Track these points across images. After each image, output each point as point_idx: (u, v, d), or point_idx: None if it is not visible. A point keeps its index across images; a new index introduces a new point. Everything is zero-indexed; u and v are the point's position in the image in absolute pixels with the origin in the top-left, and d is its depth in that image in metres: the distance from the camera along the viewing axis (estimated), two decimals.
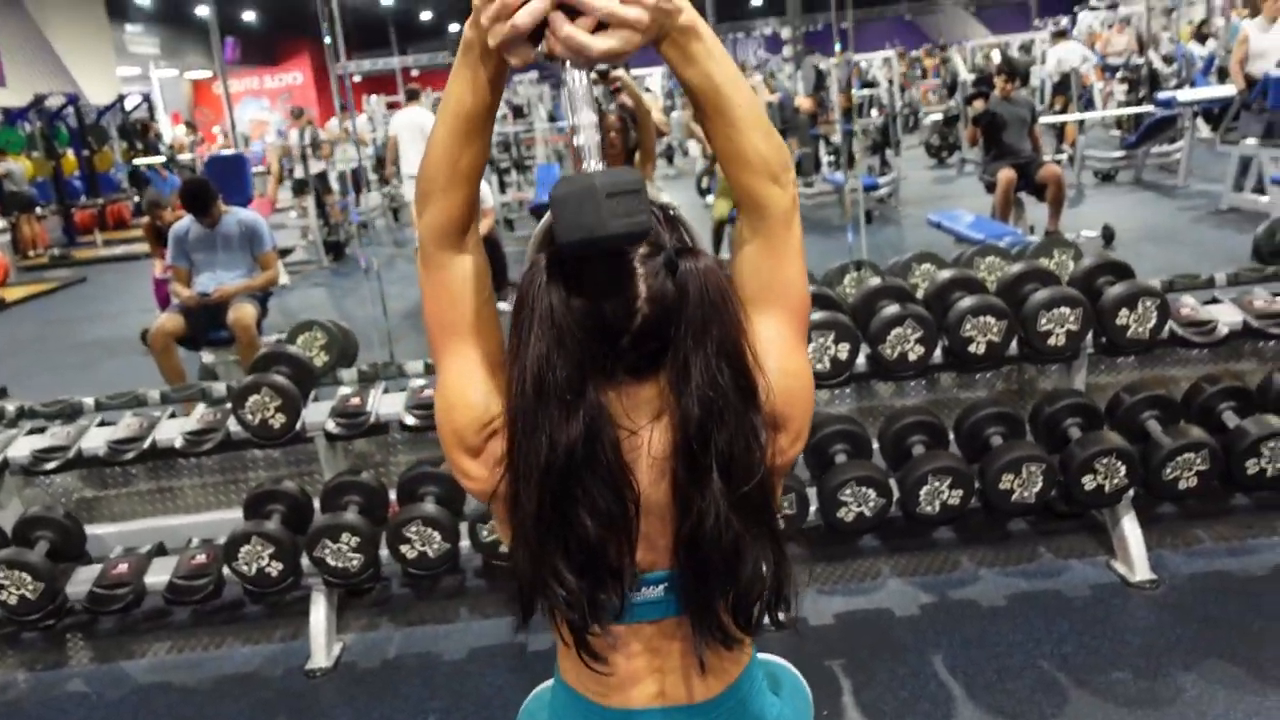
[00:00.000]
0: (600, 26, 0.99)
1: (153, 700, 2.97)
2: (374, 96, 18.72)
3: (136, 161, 15.03)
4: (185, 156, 13.50)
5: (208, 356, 5.61)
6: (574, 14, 0.98)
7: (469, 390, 1.15)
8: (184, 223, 5.49)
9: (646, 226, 0.99)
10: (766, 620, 1.16)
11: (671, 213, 1.15)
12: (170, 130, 21.18)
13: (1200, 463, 2.93)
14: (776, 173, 1.11)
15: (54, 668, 3.21)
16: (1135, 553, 3.05)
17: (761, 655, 1.42)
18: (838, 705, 2.56)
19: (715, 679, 1.24)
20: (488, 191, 7.76)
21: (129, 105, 17.35)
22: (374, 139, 13.26)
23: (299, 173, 11.35)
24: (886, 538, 3.34)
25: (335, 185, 11.70)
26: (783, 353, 1.15)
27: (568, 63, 1.01)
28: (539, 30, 0.99)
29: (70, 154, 15.56)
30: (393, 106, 14.79)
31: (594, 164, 1.00)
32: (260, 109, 28.36)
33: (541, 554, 1.08)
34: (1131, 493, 3.04)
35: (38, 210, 14.22)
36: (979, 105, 7.70)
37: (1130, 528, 3.08)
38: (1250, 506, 3.34)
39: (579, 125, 1.01)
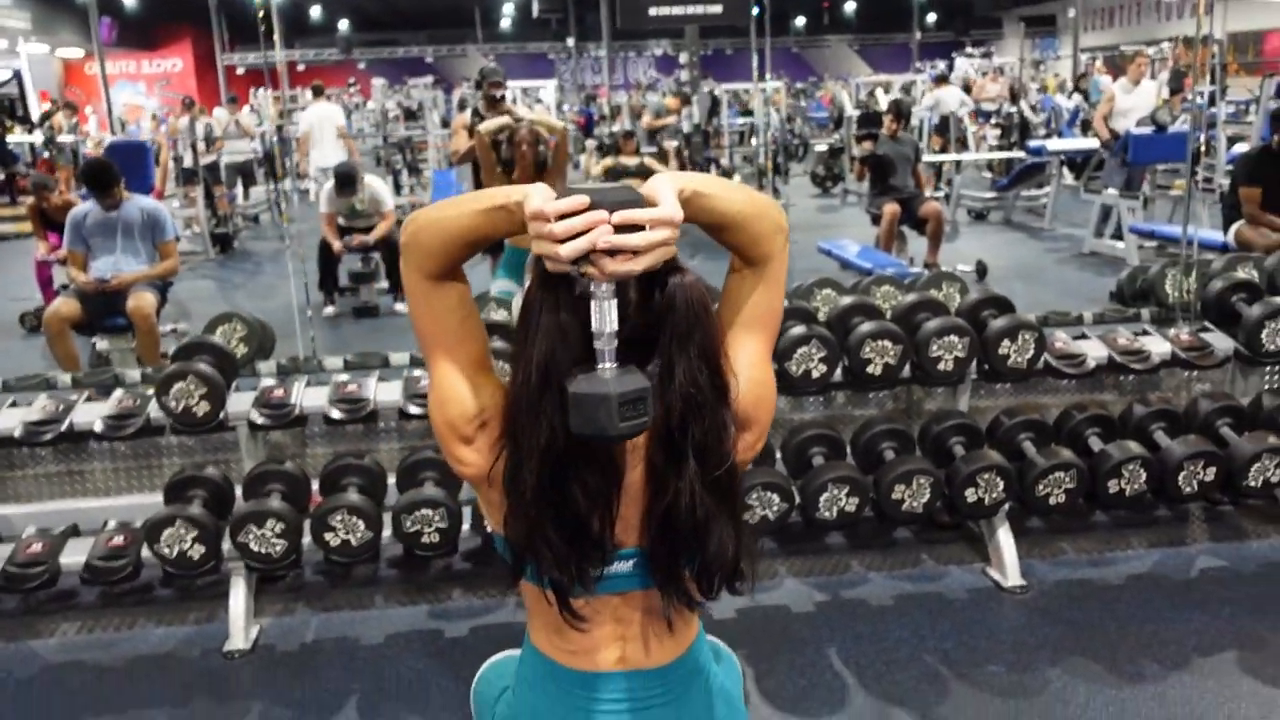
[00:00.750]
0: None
1: (66, 679, 2.97)
2: (261, 90, 18.36)
3: (11, 139, 14.38)
4: (66, 138, 12.99)
5: (102, 343, 5.52)
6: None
7: (459, 387, 1.31)
8: (83, 207, 5.41)
9: (647, 425, 1.15)
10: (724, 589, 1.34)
11: None
12: (38, 108, 20.32)
13: (1069, 481, 3.24)
14: (780, 225, 1.31)
15: None
16: (1008, 561, 3.34)
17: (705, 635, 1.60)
18: (744, 690, 2.75)
19: (670, 649, 1.41)
20: (387, 194, 7.80)
21: None
22: (261, 133, 13.06)
23: (187, 162, 11.12)
24: (783, 542, 3.57)
25: (224, 177, 11.51)
26: (755, 364, 1.35)
27: (596, 283, 1.14)
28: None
29: None
30: (287, 99, 14.62)
31: (609, 366, 1.15)
32: (136, 93, 27.39)
33: (536, 523, 1.25)
34: (1007, 506, 3.34)
35: None
36: (867, 146, 8.09)
37: (1005, 538, 3.37)
38: (1109, 523, 3.68)
39: (602, 332, 1.15)
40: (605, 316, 1.14)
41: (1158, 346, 3.55)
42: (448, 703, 2.77)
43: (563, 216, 1.11)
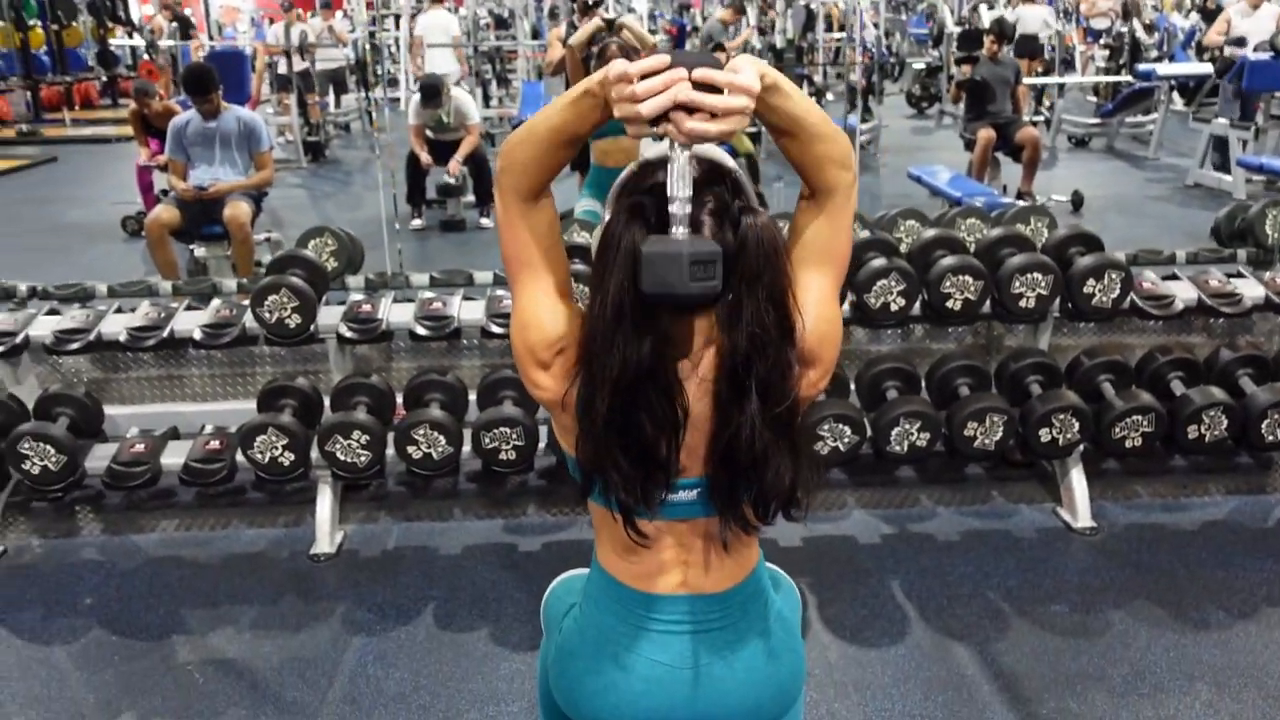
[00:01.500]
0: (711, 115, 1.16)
1: (165, 572, 3.17)
2: None
3: (113, 42, 14.71)
4: (166, 43, 13.23)
5: (199, 250, 5.72)
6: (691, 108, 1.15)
7: (541, 313, 1.36)
8: (183, 116, 5.56)
9: (718, 290, 1.18)
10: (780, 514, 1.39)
11: (735, 175, 1.34)
12: (138, 8, 20.67)
13: (1146, 424, 3.21)
14: (844, 161, 1.31)
15: (66, 536, 3.40)
16: (1080, 502, 3.33)
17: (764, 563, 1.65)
18: (804, 618, 2.80)
19: (729, 574, 1.47)
20: (472, 108, 7.83)
21: None
22: (354, 39, 13.15)
23: (281, 69, 11.27)
24: (854, 473, 3.60)
25: (316, 85, 11.64)
26: (822, 301, 1.37)
27: (675, 144, 1.17)
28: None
29: (38, 27, 15.20)
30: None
31: (682, 230, 1.18)
32: None
33: (606, 447, 1.30)
34: (1082, 447, 3.32)
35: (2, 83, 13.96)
36: (965, 70, 7.85)
37: (1077, 479, 3.36)
38: (1187, 468, 3.64)
39: (676, 197, 1.17)
40: (680, 180, 1.18)
41: (1251, 290, 3.46)
42: (519, 614, 2.89)
43: (644, 77, 1.14)
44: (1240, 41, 8.95)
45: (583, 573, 1.68)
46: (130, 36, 16.85)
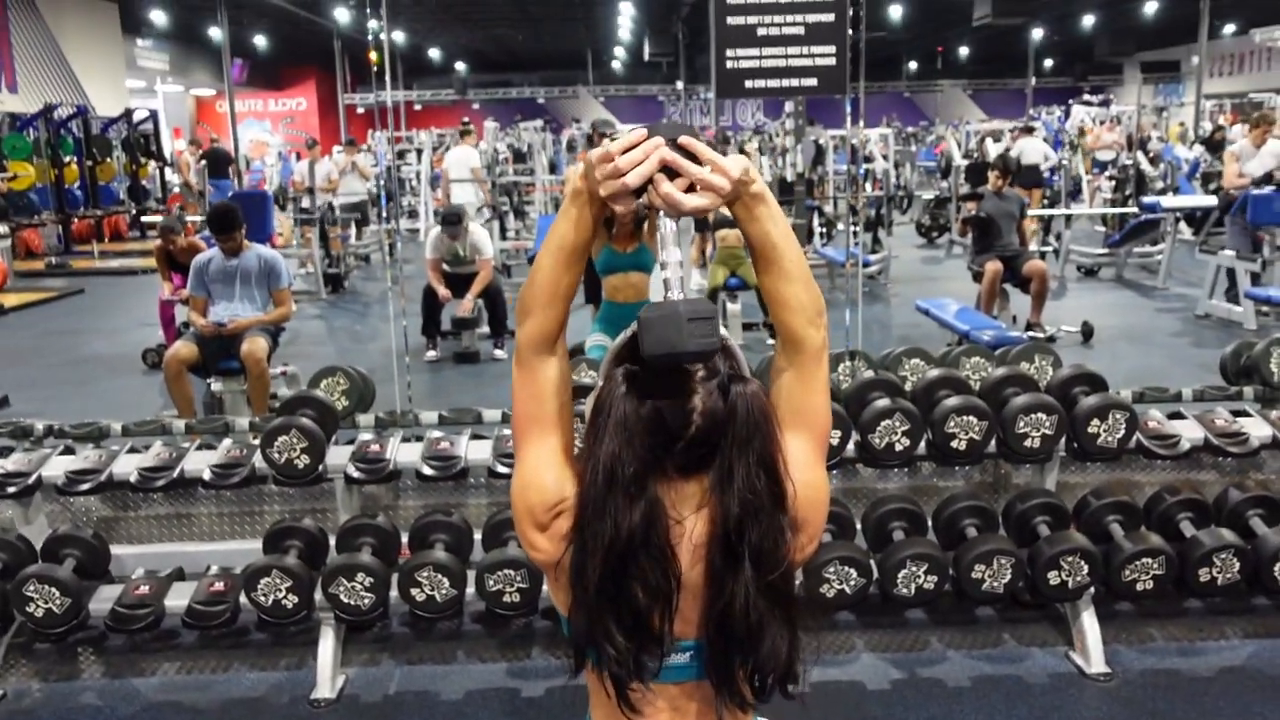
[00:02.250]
0: (691, 187, 1.23)
1: (164, 718, 3.13)
2: (378, 132, 19.00)
3: (170, 178, 15.20)
4: (194, 179, 13.66)
5: (216, 385, 5.79)
6: (673, 174, 1.23)
7: (544, 474, 1.38)
8: (206, 254, 5.71)
9: (717, 346, 1.22)
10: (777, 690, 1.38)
11: (726, 343, 1.38)
12: (170, 143, 21.41)
13: (1157, 567, 3.17)
14: (813, 317, 1.35)
15: (67, 679, 3.37)
16: (1093, 646, 3.27)
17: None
18: None
19: None
20: (487, 242, 8.02)
21: (136, 118, 17.56)
22: (376, 173, 13.56)
23: (304, 204, 11.61)
24: (861, 614, 3.55)
25: (338, 218, 11.96)
26: (805, 466, 1.38)
27: (662, 212, 1.25)
28: (642, 186, 1.23)
29: (73, 163, 15.75)
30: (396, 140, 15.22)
31: (676, 294, 1.23)
32: (262, 130, 28.68)
33: (599, 616, 1.30)
34: (1092, 590, 3.27)
35: (36, 218, 14.39)
36: (971, 207, 8.01)
37: (1089, 622, 3.31)
38: (1202, 610, 3.57)
39: (667, 262, 1.24)
40: (670, 245, 1.23)
41: (1258, 429, 3.46)
42: None
43: (626, 151, 1.21)
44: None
45: None
46: (162, 172, 17.41)
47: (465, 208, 8.50)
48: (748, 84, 4.95)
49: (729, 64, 4.99)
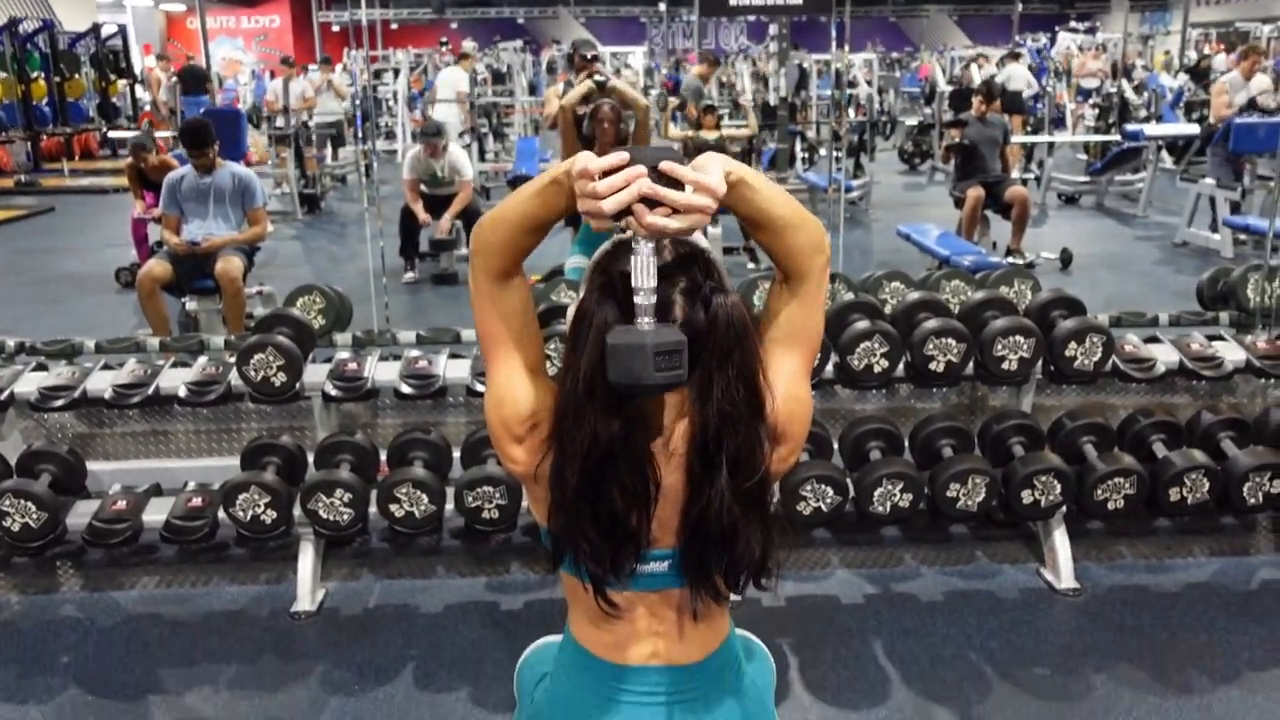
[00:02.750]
0: (673, 211, 1.18)
1: (144, 630, 3.15)
2: (355, 50, 18.61)
3: (140, 95, 14.88)
4: (164, 96, 13.38)
5: (191, 304, 5.74)
6: (654, 203, 1.17)
7: (515, 389, 1.38)
8: (179, 172, 5.61)
9: (683, 379, 1.19)
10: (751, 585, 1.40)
11: (707, 255, 1.37)
12: (140, 60, 20.91)
13: (1128, 487, 3.22)
14: (816, 250, 1.34)
15: (45, 592, 3.39)
16: (1063, 563, 3.33)
17: (738, 631, 1.66)
18: (785, 680, 2.81)
19: (701, 645, 1.47)
20: (466, 163, 7.92)
21: (104, 34, 17.13)
22: (352, 93, 13.32)
23: (279, 123, 11.40)
24: (837, 531, 3.60)
25: (314, 138, 11.77)
26: (792, 381, 1.39)
27: (639, 237, 1.19)
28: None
29: (41, 79, 15.38)
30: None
31: (647, 321, 1.18)
32: (234, 49, 28.04)
33: (576, 519, 1.32)
34: (1064, 509, 3.32)
35: (4, 134, 14.09)
36: (955, 134, 7.94)
37: (1060, 540, 3.36)
38: (1171, 529, 3.64)
39: (641, 288, 1.19)
40: (644, 271, 1.18)
41: (1232, 353, 3.48)
42: (498, 674, 2.88)
43: (606, 174, 1.16)
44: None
45: (555, 640, 1.68)
46: (131, 89, 17.03)
47: (443, 124, 8.39)
48: (732, 2, 4.86)
49: None
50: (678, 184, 1.17)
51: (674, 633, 1.45)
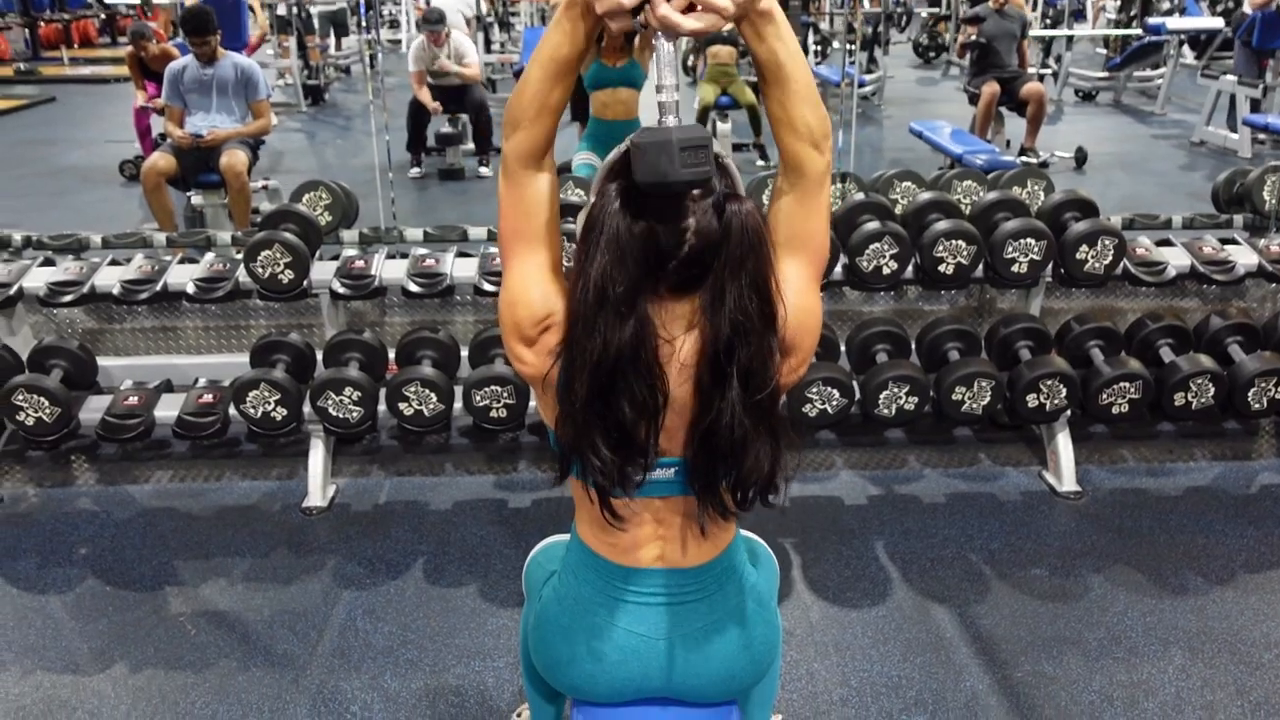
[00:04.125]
0: (690, 7, 1.16)
1: (159, 523, 3.21)
2: None
3: None
4: None
5: (196, 198, 5.70)
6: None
7: (531, 289, 1.36)
8: (180, 62, 5.51)
9: (710, 175, 1.19)
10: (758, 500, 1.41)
11: (723, 161, 1.35)
12: None
13: (1134, 391, 3.22)
14: (818, 140, 1.31)
15: (61, 485, 3.44)
16: (1065, 466, 3.36)
17: (743, 532, 1.68)
18: (788, 578, 2.87)
19: (706, 549, 1.49)
20: (471, 49, 7.75)
21: None
22: None
23: (280, 10, 11.15)
24: (842, 433, 3.62)
25: (316, 26, 11.54)
26: (799, 290, 1.37)
27: (659, 32, 1.18)
28: (638, 4, 1.16)
29: None
30: None
31: (671, 119, 1.18)
32: None
33: (585, 429, 1.32)
34: (1069, 413, 3.34)
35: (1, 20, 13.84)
36: (971, 32, 7.73)
37: (1064, 443, 3.39)
38: (1174, 433, 3.67)
39: (663, 85, 1.18)
40: (665, 68, 1.19)
41: (1245, 257, 3.46)
42: (507, 570, 2.94)
43: None
44: None
45: (563, 539, 1.71)
46: None
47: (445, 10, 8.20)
48: None
49: None
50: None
51: (678, 537, 1.47)
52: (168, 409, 3.30)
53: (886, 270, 3.24)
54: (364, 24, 8.02)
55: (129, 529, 3.19)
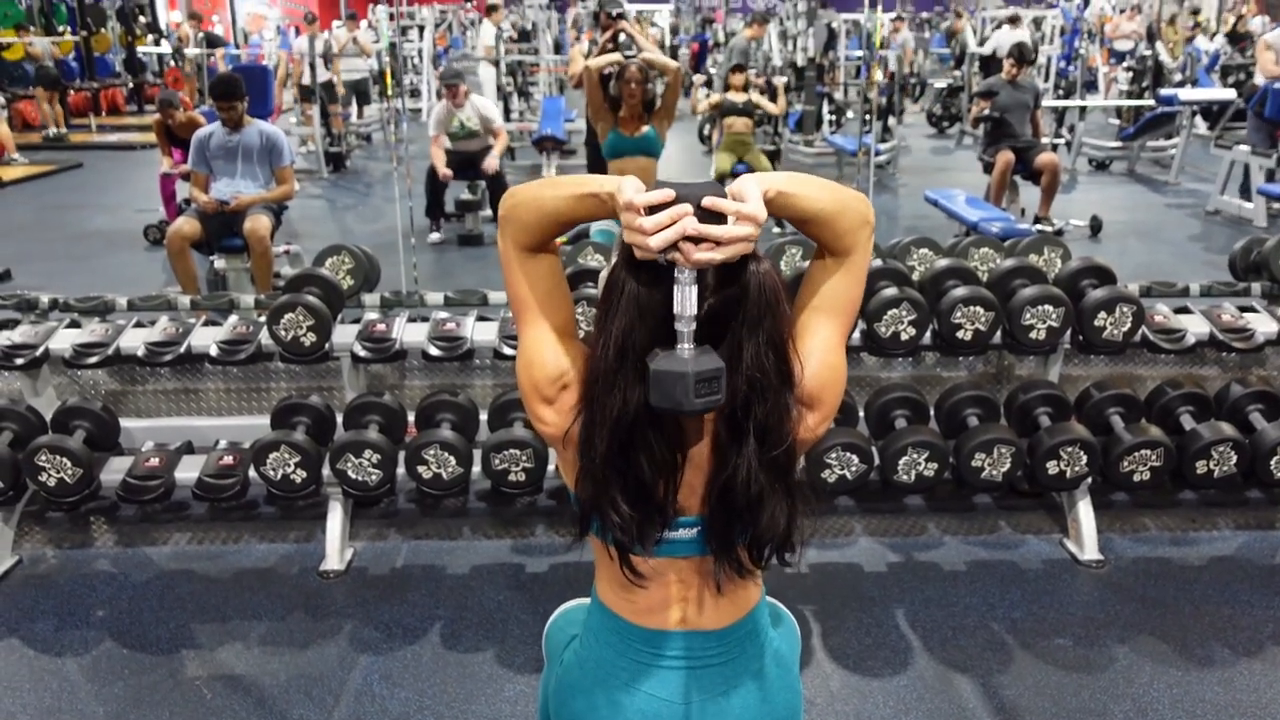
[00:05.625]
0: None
1: (176, 586, 3.21)
2: (379, 6, 18.51)
3: (141, 50, 14.86)
4: (191, 51, 13.36)
5: (219, 262, 5.78)
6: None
7: (545, 351, 1.39)
8: (207, 129, 5.62)
9: (720, 402, 1.22)
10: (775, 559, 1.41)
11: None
12: (165, 15, 20.88)
13: (1155, 459, 3.21)
14: (865, 220, 1.35)
15: (80, 547, 3.45)
16: (1087, 534, 3.33)
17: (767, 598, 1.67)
18: (808, 646, 2.84)
19: (728, 612, 1.49)
20: (495, 111, 7.88)
21: None
22: (378, 49, 13.26)
23: (305, 80, 11.37)
24: (861, 499, 3.61)
25: (339, 95, 11.75)
26: (828, 349, 1.40)
27: (681, 266, 1.21)
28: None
29: (68, 34, 15.40)
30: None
31: (688, 347, 1.21)
32: (259, 3, 27.94)
33: (604, 485, 1.33)
34: (1090, 480, 3.32)
35: (33, 91, 14.12)
36: (984, 105, 7.80)
37: (1085, 511, 3.36)
38: (1196, 502, 3.63)
39: (683, 315, 1.21)
40: (686, 300, 1.21)
41: (1263, 325, 3.46)
42: (525, 635, 2.92)
43: (651, 209, 1.18)
44: None
45: (584, 603, 1.70)
46: (158, 44, 17.04)
47: (463, 71, 8.38)
48: None
49: None
50: (720, 216, 1.19)
51: (700, 599, 1.46)
52: (188, 471, 3.32)
53: (905, 336, 3.26)
54: (388, 92, 8.20)
55: (147, 591, 3.18)
